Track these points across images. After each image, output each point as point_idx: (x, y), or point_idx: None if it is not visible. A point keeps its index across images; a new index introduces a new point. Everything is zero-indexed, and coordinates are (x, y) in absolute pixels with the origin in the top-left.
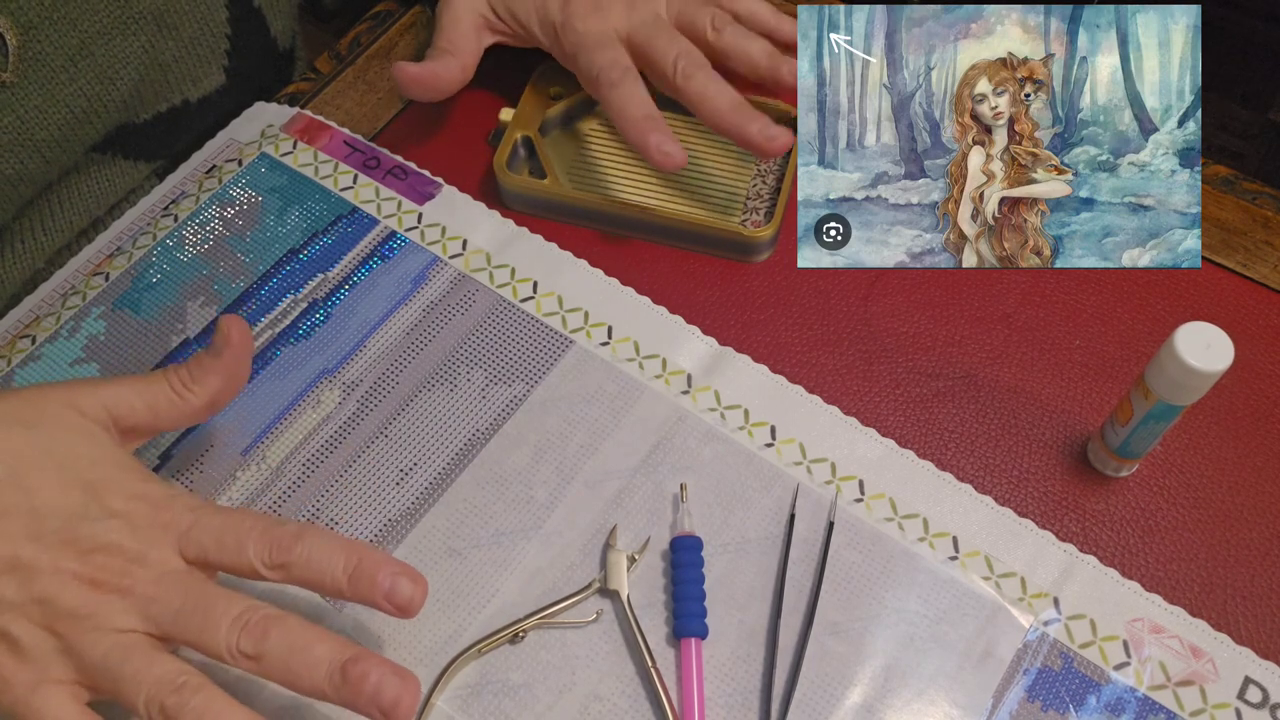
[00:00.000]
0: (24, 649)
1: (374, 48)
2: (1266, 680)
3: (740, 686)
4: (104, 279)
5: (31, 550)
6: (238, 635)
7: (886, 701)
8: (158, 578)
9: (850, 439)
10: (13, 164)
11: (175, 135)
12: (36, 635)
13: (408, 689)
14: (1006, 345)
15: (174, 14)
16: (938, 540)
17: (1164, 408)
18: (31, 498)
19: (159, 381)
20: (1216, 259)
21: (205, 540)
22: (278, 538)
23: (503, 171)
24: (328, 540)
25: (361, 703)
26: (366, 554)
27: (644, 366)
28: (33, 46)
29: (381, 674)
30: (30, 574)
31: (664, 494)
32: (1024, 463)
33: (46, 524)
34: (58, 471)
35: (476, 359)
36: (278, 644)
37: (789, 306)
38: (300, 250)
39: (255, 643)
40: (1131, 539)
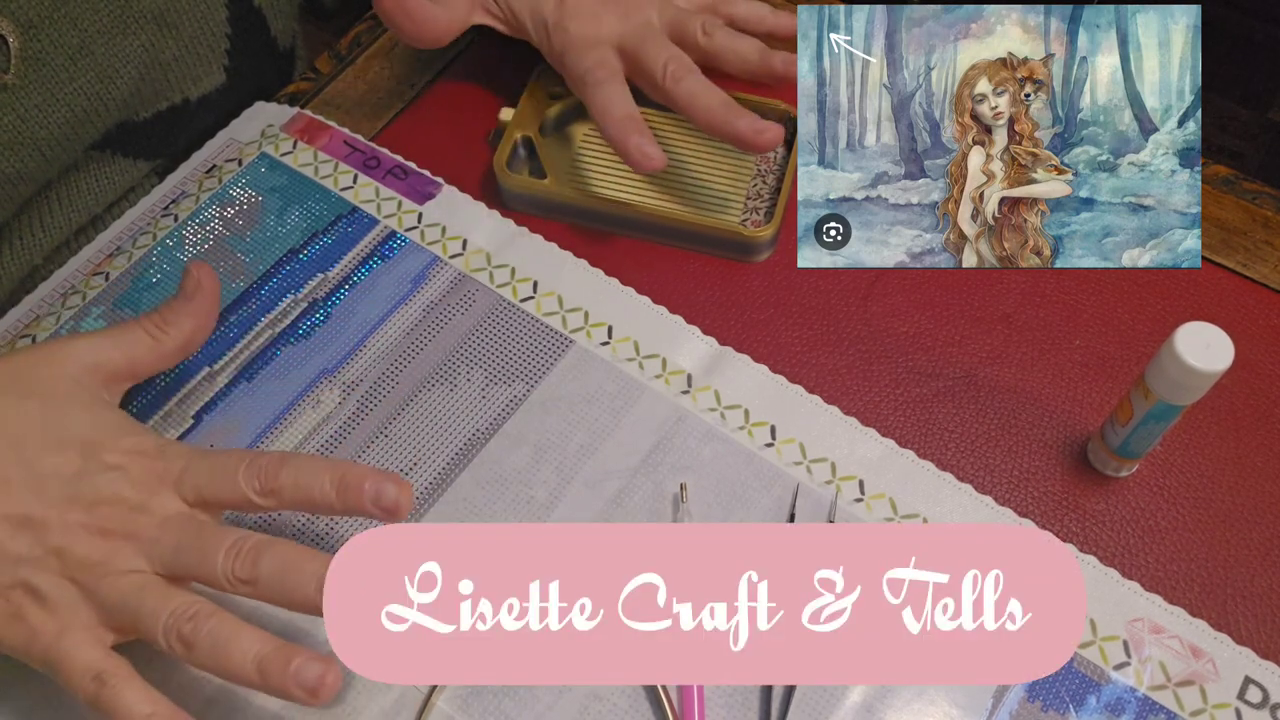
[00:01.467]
0: (48, 598)
1: (374, 48)
2: (1266, 680)
3: (740, 686)
4: (104, 279)
5: (40, 508)
6: (233, 562)
7: (886, 701)
8: (160, 522)
9: (850, 439)
10: (12, 163)
11: (175, 134)
12: (58, 584)
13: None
14: (1006, 345)
15: (174, 13)
16: None
17: (1164, 408)
18: (34, 463)
19: (133, 329)
20: (1216, 259)
21: (199, 481)
22: (264, 465)
23: (503, 171)
24: (312, 461)
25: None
26: (350, 468)
27: (644, 366)
28: (33, 46)
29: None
30: (43, 529)
31: (664, 494)
32: (1024, 463)
33: (51, 484)
34: (54, 437)
35: (476, 359)
36: (270, 565)
37: (789, 306)
38: (300, 250)
39: (249, 567)
40: (1131, 539)
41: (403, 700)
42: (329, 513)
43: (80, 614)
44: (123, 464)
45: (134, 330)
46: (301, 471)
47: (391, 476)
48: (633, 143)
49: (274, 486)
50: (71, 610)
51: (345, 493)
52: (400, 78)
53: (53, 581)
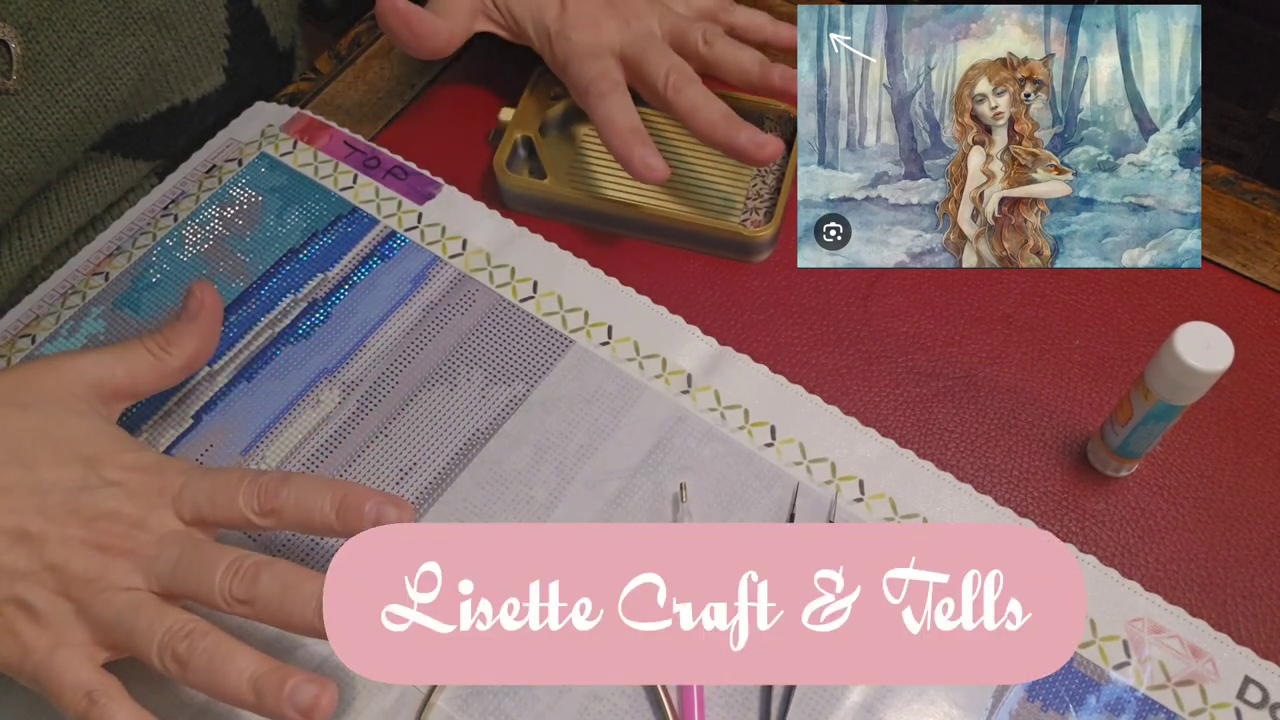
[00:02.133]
0: (41, 615)
1: (374, 48)
2: (1266, 680)
3: (740, 686)
4: (104, 279)
5: (39, 522)
6: (230, 581)
7: (886, 701)
8: (158, 539)
9: (850, 439)
10: (12, 164)
11: (175, 135)
12: (52, 601)
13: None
14: (1006, 345)
15: (173, 14)
16: None
17: (1164, 408)
18: (33, 474)
19: (136, 347)
20: (1216, 259)
21: (198, 499)
22: (264, 484)
23: (503, 171)
24: (312, 481)
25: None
26: (351, 489)
27: (644, 366)
28: (33, 48)
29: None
30: (40, 544)
31: (664, 494)
32: (1024, 463)
33: (50, 498)
34: (55, 449)
35: (476, 359)
36: (268, 586)
37: (789, 306)
38: (300, 250)
39: (246, 587)
40: (1131, 539)
41: (403, 700)
42: (329, 534)
43: (73, 631)
44: (123, 480)
45: (137, 349)
46: (302, 491)
47: (393, 500)
48: (636, 155)
49: (273, 506)
50: (65, 627)
51: (346, 514)
52: (400, 78)
53: (46, 598)
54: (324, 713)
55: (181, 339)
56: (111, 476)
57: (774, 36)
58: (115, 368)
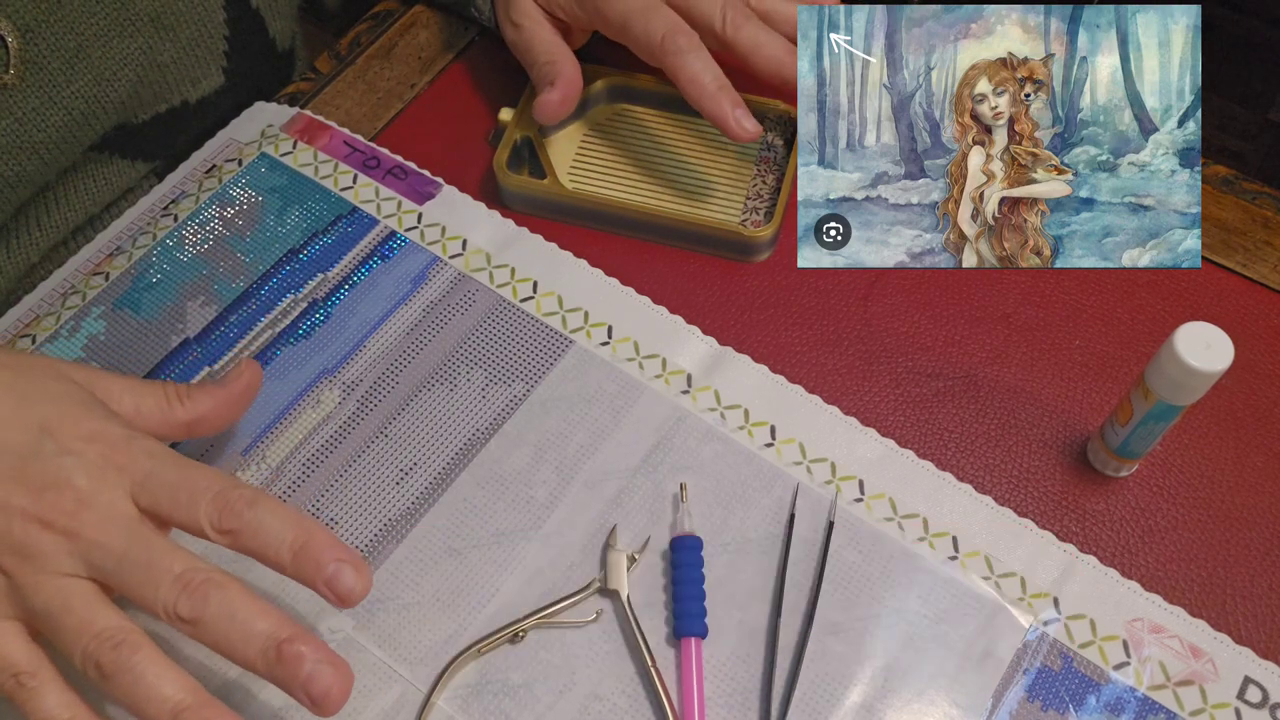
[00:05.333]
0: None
1: (374, 48)
2: (1266, 680)
3: (740, 686)
4: (104, 279)
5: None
6: (177, 595)
7: (886, 701)
8: (105, 521)
9: (850, 439)
10: (11, 166)
11: (174, 136)
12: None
13: (340, 679)
14: (1006, 345)
15: (172, 15)
16: (937, 540)
17: (1164, 408)
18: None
19: (153, 387)
20: (1216, 259)
21: (159, 492)
22: (230, 501)
23: (503, 171)
24: (280, 513)
25: (293, 687)
26: (316, 534)
27: (644, 366)
28: (31, 49)
29: (317, 660)
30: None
31: (664, 494)
32: (1024, 463)
33: (1, 460)
34: (17, 406)
35: (476, 359)
36: (217, 611)
37: (789, 306)
38: (300, 250)
39: (193, 607)
40: (1131, 539)
41: (403, 700)
42: (278, 571)
43: (2, 605)
44: (80, 450)
45: (152, 387)
46: (266, 521)
47: (354, 560)
48: (732, 115)
49: (233, 527)
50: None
51: (301, 561)
52: (400, 78)
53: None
54: None
55: (201, 397)
56: (70, 445)
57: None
58: (123, 395)
